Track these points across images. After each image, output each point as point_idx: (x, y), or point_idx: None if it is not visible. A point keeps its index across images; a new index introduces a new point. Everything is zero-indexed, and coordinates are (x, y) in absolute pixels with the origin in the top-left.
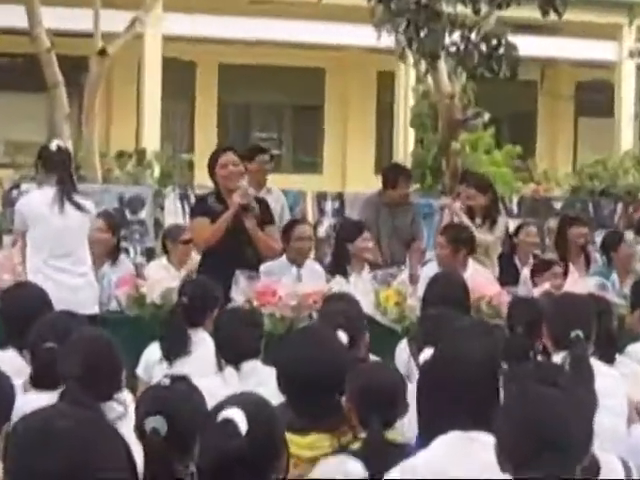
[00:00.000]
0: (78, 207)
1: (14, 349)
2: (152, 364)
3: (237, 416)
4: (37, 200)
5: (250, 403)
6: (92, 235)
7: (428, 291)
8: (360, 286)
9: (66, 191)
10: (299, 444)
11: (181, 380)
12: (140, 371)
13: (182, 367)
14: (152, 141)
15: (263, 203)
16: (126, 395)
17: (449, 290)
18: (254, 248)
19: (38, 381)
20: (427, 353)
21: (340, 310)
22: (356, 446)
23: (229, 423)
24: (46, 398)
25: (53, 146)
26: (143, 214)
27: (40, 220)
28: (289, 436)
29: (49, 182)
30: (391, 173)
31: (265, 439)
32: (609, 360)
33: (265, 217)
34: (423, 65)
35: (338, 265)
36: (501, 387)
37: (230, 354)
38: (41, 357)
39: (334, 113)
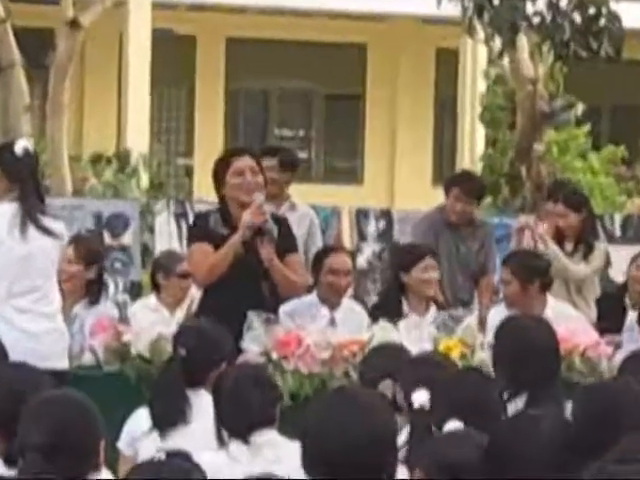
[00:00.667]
0: (45, 231)
1: None
2: (138, 436)
3: None
4: None
5: None
6: (59, 267)
7: (498, 343)
8: (414, 333)
9: (31, 209)
10: None
11: (179, 456)
12: (122, 444)
13: (179, 439)
14: (139, 141)
15: (283, 224)
16: (105, 475)
17: (523, 341)
18: (272, 284)
19: None
20: None
21: (386, 365)
22: None
23: None
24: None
25: (18, 148)
26: (127, 237)
27: None
28: None
29: (9, 196)
30: (454, 184)
31: None
32: None
33: (286, 242)
34: (497, 41)
35: (388, 304)
36: None
37: (236, 424)
38: None
39: (379, 104)
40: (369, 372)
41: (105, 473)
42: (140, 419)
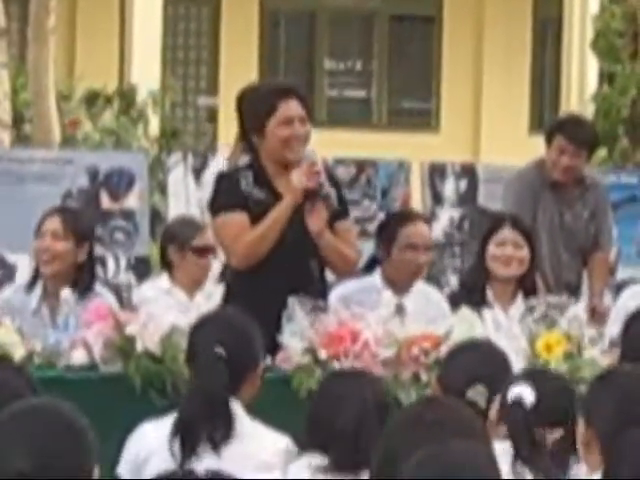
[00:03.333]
0: None
1: None
2: (144, 458)
3: None
4: None
5: None
6: (40, 244)
7: (630, 335)
8: (504, 325)
9: None
10: None
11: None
12: (123, 470)
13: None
14: (147, 75)
15: (334, 183)
16: None
17: None
18: (319, 260)
19: None
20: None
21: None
22: None
23: None
24: None
25: None
26: (131, 200)
27: None
28: None
29: None
30: (558, 131)
31: None
32: None
33: (337, 206)
34: None
35: (471, 288)
36: None
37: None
38: None
39: (460, 28)
40: (453, 375)
41: None
42: (145, 437)
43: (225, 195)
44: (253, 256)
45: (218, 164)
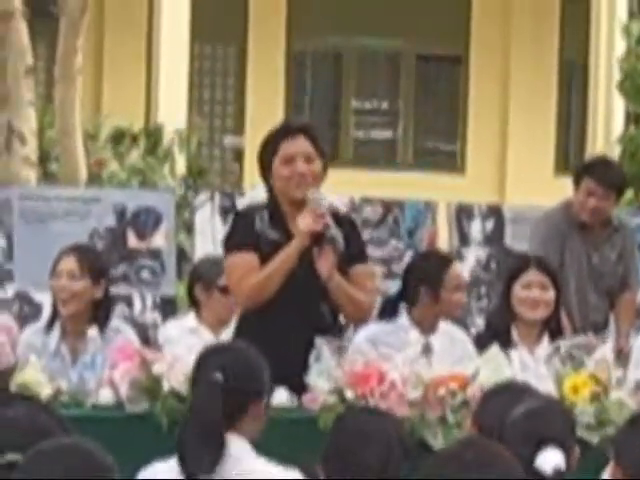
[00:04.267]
0: None
1: None
2: None
3: None
4: None
5: None
6: (57, 284)
7: None
8: (531, 366)
9: None
10: None
11: None
12: None
13: None
14: (173, 114)
15: (348, 224)
16: None
17: None
18: (332, 306)
19: None
20: None
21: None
22: None
23: None
24: None
25: None
26: (157, 239)
27: None
28: None
29: None
30: (586, 173)
31: None
32: None
33: (352, 249)
34: None
35: (497, 330)
36: None
37: None
38: None
39: (486, 69)
40: (488, 419)
41: None
42: (152, 474)
43: (238, 234)
44: (258, 297)
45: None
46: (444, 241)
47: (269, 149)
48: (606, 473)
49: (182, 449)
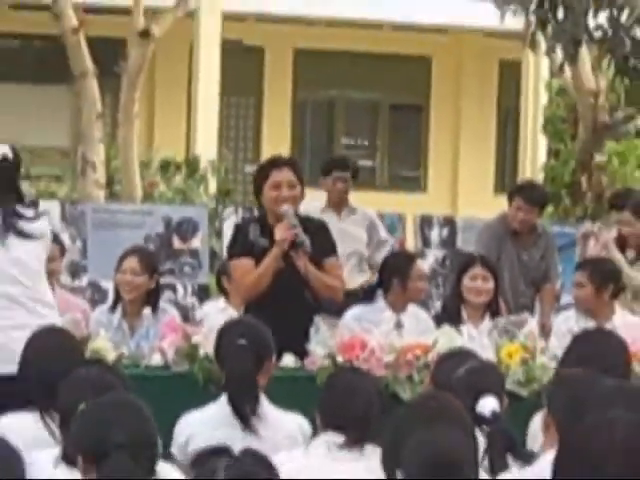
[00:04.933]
0: (21, 234)
1: (36, 412)
2: (187, 439)
3: None
4: None
5: None
6: (123, 278)
7: (570, 353)
8: (476, 338)
9: (6, 216)
10: None
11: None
12: (174, 449)
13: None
14: (207, 148)
15: (320, 229)
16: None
17: (602, 352)
18: (312, 291)
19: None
20: None
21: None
22: None
23: None
24: (79, 476)
25: None
26: (196, 242)
27: None
28: None
29: None
30: (517, 193)
31: None
32: None
33: (323, 247)
34: (559, 54)
35: (449, 311)
36: None
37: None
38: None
39: (443, 114)
40: (442, 377)
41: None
42: (188, 423)
43: (236, 244)
44: (254, 292)
45: None
46: (411, 244)
47: (262, 176)
48: (536, 419)
49: (231, 398)
